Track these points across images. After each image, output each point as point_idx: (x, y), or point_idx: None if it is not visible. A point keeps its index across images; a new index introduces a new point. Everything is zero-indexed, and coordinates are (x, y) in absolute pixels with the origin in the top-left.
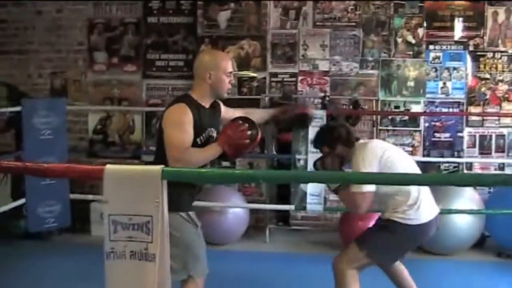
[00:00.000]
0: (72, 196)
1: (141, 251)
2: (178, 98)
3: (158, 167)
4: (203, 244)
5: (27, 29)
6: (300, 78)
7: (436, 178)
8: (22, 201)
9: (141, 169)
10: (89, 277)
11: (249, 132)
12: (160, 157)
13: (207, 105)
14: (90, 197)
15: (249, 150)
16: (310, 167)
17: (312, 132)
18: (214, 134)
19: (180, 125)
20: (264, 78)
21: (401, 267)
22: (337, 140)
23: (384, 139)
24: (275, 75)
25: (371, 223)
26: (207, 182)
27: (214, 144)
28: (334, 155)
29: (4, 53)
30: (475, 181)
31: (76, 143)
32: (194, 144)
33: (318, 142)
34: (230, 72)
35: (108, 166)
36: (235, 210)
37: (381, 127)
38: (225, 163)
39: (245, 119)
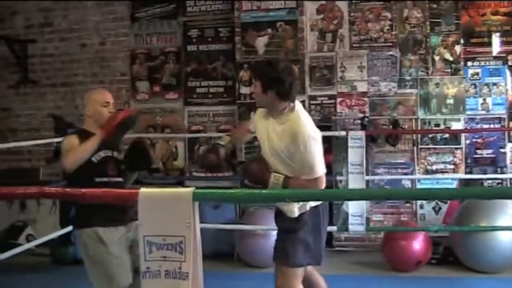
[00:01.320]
0: None
1: (175, 270)
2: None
3: (190, 189)
4: (120, 261)
5: (73, 62)
6: (339, 100)
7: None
8: (70, 228)
9: (173, 192)
10: None
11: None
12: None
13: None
14: (135, 222)
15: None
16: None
17: (352, 154)
18: (110, 154)
19: (66, 150)
20: (303, 101)
21: (315, 277)
22: (276, 84)
23: (425, 158)
24: (314, 97)
25: (414, 242)
26: (236, 203)
27: (94, 136)
28: (258, 162)
29: (52, 86)
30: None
31: None
32: (90, 163)
33: (256, 72)
34: (107, 102)
35: (142, 190)
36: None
37: (421, 146)
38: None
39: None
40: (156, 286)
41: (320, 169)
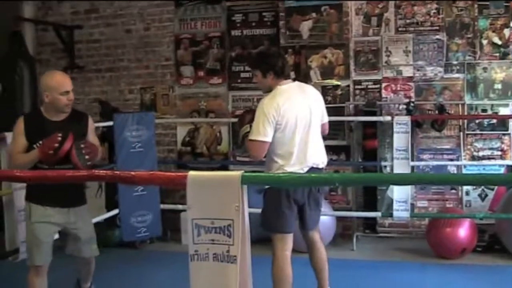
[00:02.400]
0: (163, 206)
1: (223, 253)
2: (28, 112)
3: (238, 173)
4: (38, 242)
5: (118, 47)
6: (384, 84)
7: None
8: (115, 211)
9: (222, 175)
10: (180, 282)
11: (56, 144)
12: None
13: (54, 118)
14: (180, 207)
15: (56, 158)
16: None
17: (397, 139)
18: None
19: (13, 137)
20: (348, 86)
21: (318, 246)
22: (271, 66)
23: (471, 144)
24: (359, 82)
25: (459, 229)
26: (284, 186)
27: (36, 149)
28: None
29: (97, 71)
30: None
31: (165, 155)
32: (32, 149)
33: (253, 64)
34: (66, 91)
35: (191, 173)
36: (322, 218)
37: (468, 132)
38: None
39: (65, 133)
40: (204, 269)
41: (254, 135)
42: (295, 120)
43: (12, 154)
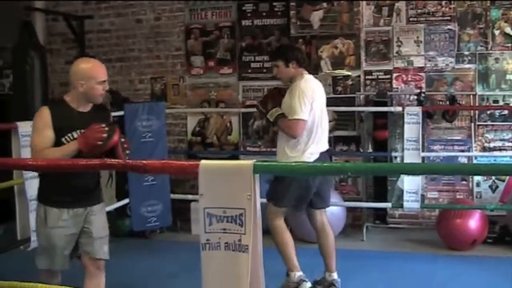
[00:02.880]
0: (173, 196)
1: (234, 243)
2: (50, 100)
3: (250, 162)
4: (65, 242)
5: (128, 37)
6: (395, 75)
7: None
8: (126, 201)
9: (233, 164)
10: (190, 272)
11: (104, 135)
12: None
13: (81, 109)
14: (190, 197)
15: (103, 150)
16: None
17: (408, 130)
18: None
19: (36, 129)
20: (359, 76)
21: (327, 231)
22: (293, 55)
23: (482, 135)
24: (369, 73)
25: (470, 221)
26: (296, 175)
27: (73, 142)
28: (275, 93)
29: (108, 61)
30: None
31: (176, 145)
32: (60, 143)
33: (274, 55)
34: (103, 81)
35: (203, 162)
36: (332, 208)
37: (479, 123)
38: None
39: (110, 123)
40: (215, 258)
41: (298, 114)
42: (318, 105)
43: (36, 150)
